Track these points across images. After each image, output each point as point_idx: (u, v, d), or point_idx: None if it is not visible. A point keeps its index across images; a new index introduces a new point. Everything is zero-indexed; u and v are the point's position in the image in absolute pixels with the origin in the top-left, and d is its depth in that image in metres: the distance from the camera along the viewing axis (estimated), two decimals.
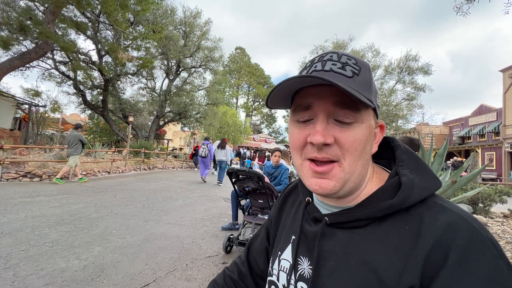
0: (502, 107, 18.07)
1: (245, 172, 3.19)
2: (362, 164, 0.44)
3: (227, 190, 7.23)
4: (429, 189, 0.42)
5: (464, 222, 0.37)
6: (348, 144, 0.41)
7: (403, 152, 0.49)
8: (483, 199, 4.58)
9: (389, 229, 0.41)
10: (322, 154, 0.42)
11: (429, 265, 0.35)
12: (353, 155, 0.42)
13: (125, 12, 8.97)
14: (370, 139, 0.44)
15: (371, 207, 0.43)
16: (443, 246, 0.35)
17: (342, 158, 0.42)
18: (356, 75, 0.43)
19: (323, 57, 0.46)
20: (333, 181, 0.42)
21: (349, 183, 0.43)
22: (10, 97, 11.97)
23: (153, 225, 3.79)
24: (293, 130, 0.47)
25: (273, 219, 0.66)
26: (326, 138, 0.41)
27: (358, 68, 0.44)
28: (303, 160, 0.45)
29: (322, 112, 0.42)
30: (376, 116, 0.47)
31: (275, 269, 0.56)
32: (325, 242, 0.46)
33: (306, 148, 0.44)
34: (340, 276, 0.42)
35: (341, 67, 0.43)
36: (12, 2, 7.79)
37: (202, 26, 16.20)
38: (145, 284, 2.14)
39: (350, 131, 0.42)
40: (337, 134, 0.42)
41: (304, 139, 0.44)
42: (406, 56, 17.40)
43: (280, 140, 45.88)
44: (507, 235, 3.47)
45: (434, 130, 23.09)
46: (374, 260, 0.39)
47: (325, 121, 0.42)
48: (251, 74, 45.81)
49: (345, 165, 0.42)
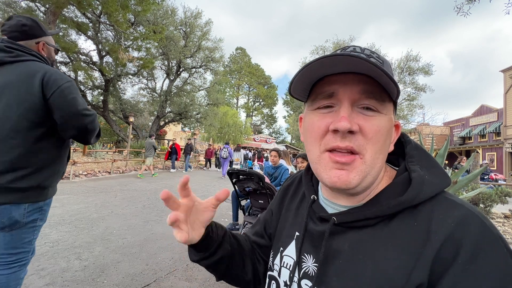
0: (503, 108, 18.04)
1: (246, 173, 3.19)
2: (383, 159, 0.43)
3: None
4: (439, 186, 0.41)
5: (475, 218, 0.36)
6: (372, 133, 0.40)
7: (413, 148, 0.48)
8: (484, 200, 4.57)
9: (398, 227, 0.40)
10: (345, 142, 0.40)
11: (439, 261, 0.35)
12: (376, 146, 0.41)
13: (126, 13, 8.99)
14: (390, 133, 0.43)
15: (380, 205, 0.42)
16: (454, 243, 0.34)
17: (364, 149, 0.40)
18: (381, 65, 0.42)
19: (346, 49, 0.45)
20: (353, 173, 0.41)
21: (369, 177, 0.42)
22: None
23: (153, 225, 3.79)
24: (312, 118, 0.45)
25: (274, 211, 0.65)
26: (352, 124, 0.39)
27: (381, 61, 0.43)
28: (322, 153, 0.43)
29: (347, 99, 0.41)
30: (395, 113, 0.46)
31: (276, 265, 0.55)
32: (333, 241, 0.46)
33: (326, 137, 0.42)
34: (349, 275, 0.41)
35: (367, 55, 0.43)
36: (13, 3, 7.82)
37: (203, 26, 16.24)
38: (146, 284, 2.14)
39: (375, 120, 0.41)
40: (361, 122, 0.40)
41: (325, 127, 0.42)
42: (407, 56, 17.39)
43: (281, 140, 45.91)
44: (507, 235, 3.46)
45: (435, 130, 23.06)
46: (383, 259, 0.39)
47: (350, 108, 0.41)
48: (252, 74, 45.86)
49: (367, 157, 0.41)
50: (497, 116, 19.19)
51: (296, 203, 0.60)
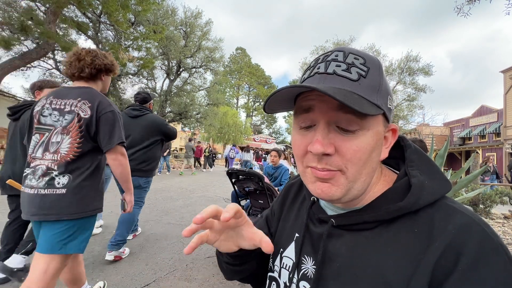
0: (503, 108, 18.04)
1: (245, 173, 3.19)
2: (368, 172, 0.41)
3: (227, 191, 7.23)
4: (439, 192, 0.41)
5: (476, 226, 0.36)
6: (350, 154, 0.39)
7: (413, 152, 0.47)
8: (483, 200, 4.57)
9: (398, 232, 0.39)
10: (322, 164, 0.40)
11: (439, 269, 0.34)
12: (357, 165, 0.39)
13: (126, 13, 8.98)
14: (377, 147, 0.42)
15: (379, 209, 0.41)
16: (454, 251, 0.34)
17: (344, 167, 0.40)
18: (363, 77, 0.40)
19: (328, 57, 0.43)
20: (335, 186, 0.41)
21: (353, 191, 0.41)
22: (11, 97, 12.00)
23: (153, 225, 3.79)
24: (295, 137, 0.45)
25: (276, 211, 0.65)
26: (325, 148, 0.38)
27: (366, 69, 0.40)
28: (305, 168, 0.44)
29: (323, 117, 0.40)
30: (387, 120, 0.44)
31: (276, 266, 0.55)
32: (331, 244, 0.45)
33: (307, 156, 0.43)
34: (346, 278, 0.41)
35: (346, 68, 0.40)
36: (13, 2, 7.81)
37: (203, 26, 16.23)
38: (145, 284, 2.14)
39: (354, 139, 0.39)
40: (338, 143, 0.39)
41: (305, 147, 0.42)
42: (407, 56, 17.39)
43: (281, 140, 45.90)
44: (507, 236, 3.46)
45: (435, 131, 23.05)
46: (382, 264, 0.38)
47: (326, 129, 0.40)
48: (252, 74, 45.87)
49: (348, 174, 0.40)
50: (497, 116, 19.20)
51: (298, 204, 0.60)
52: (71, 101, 1.32)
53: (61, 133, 1.29)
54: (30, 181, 1.25)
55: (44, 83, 2.20)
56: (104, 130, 1.35)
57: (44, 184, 1.23)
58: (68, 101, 1.32)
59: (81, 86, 1.42)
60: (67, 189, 1.25)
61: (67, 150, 1.27)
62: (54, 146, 1.27)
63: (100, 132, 1.35)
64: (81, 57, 1.40)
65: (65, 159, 1.26)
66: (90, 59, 1.41)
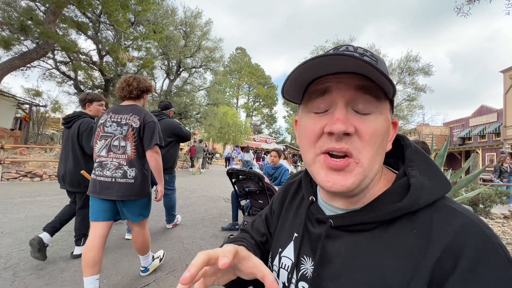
0: (502, 108, 18.05)
1: (245, 173, 3.19)
2: (380, 161, 0.41)
3: (227, 191, 7.22)
4: (439, 192, 0.40)
5: (475, 228, 0.35)
6: (368, 135, 0.39)
7: (413, 152, 0.46)
8: (483, 200, 4.57)
9: (397, 233, 0.39)
10: (341, 144, 0.39)
11: (438, 271, 0.34)
12: (373, 148, 0.39)
13: (126, 13, 8.98)
14: (387, 134, 0.42)
15: (378, 210, 0.41)
16: (453, 253, 0.34)
17: (360, 152, 0.39)
18: (375, 63, 0.41)
19: (338, 49, 0.44)
20: (351, 178, 0.39)
21: (367, 180, 0.41)
22: (11, 97, 11.99)
23: (153, 225, 3.79)
24: (307, 121, 0.44)
25: (275, 210, 0.65)
26: (347, 126, 0.38)
27: (375, 59, 0.43)
28: (317, 155, 0.42)
29: (342, 98, 0.40)
30: (392, 111, 0.45)
31: (275, 266, 0.55)
32: (329, 244, 0.45)
33: (321, 139, 0.41)
34: (344, 279, 0.41)
35: (360, 53, 0.42)
36: (13, 2, 7.80)
37: (203, 26, 16.22)
38: (145, 284, 2.14)
39: (371, 121, 0.39)
40: (357, 123, 0.39)
41: (320, 130, 0.41)
42: (407, 56, 17.41)
43: (281, 140, 45.90)
44: (507, 236, 3.46)
45: (435, 131, 23.07)
46: (381, 265, 0.38)
47: (344, 109, 0.39)
48: (252, 74, 45.87)
49: (363, 160, 0.39)
50: (497, 116, 19.21)
51: (296, 204, 0.59)
52: (125, 116, 1.85)
53: (124, 139, 1.82)
54: (101, 172, 1.78)
55: (94, 97, 2.66)
56: (147, 135, 1.87)
57: (120, 175, 1.78)
58: (123, 116, 1.85)
59: (131, 104, 1.96)
60: (135, 180, 1.82)
61: (130, 151, 1.82)
62: (120, 148, 1.81)
63: (144, 136, 1.87)
64: (129, 83, 1.94)
65: (130, 158, 1.82)
66: (136, 84, 1.95)
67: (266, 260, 0.61)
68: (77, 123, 2.50)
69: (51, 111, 13.52)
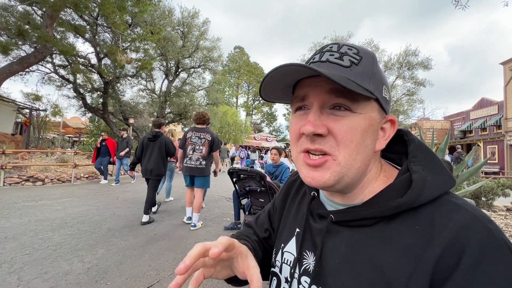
0: (503, 100, 17.96)
1: (247, 172, 3.19)
2: (362, 159, 0.41)
3: (229, 190, 7.23)
4: (442, 188, 0.39)
5: (479, 223, 0.35)
6: (341, 135, 0.40)
7: (416, 147, 0.46)
8: (485, 193, 4.56)
9: (398, 229, 0.39)
10: (315, 145, 0.41)
11: (440, 268, 0.33)
12: (349, 147, 0.40)
13: (123, 14, 8.95)
14: (370, 132, 0.41)
15: (379, 205, 0.41)
16: (456, 249, 0.33)
17: (336, 150, 0.40)
18: (355, 65, 0.41)
19: (323, 49, 0.45)
20: (327, 174, 0.41)
21: (346, 178, 0.41)
22: (11, 102, 12.01)
23: (155, 226, 3.80)
24: (292, 121, 0.46)
25: (278, 206, 0.65)
26: (316, 128, 0.40)
27: (359, 58, 0.42)
28: (299, 153, 0.44)
29: (316, 101, 0.41)
30: (384, 110, 0.44)
31: (278, 261, 0.55)
32: (330, 240, 0.45)
33: (301, 139, 0.44)
34: (345, 275, 0.41)
35: (338, 57, 0.42)
36: (10, 7, 7.80)
37: (200, 26, 16.14)
38: (149, 285, 2.15)
39: (344, 120, 0.40)
40: (330, 124, 0.40)
41: (299, 130, 0.43)
42: (406, 51, 17.29)
43: (281, 138, 45.85)
44: (510, 228, 3.45)
45: (435, 125, 22.98)
46: (381, 261, 0.38)
47: (319, 111, 0.41)
48: (251, 73, 45.80)
49: (340, 159, 0.40)
50: (497, 109, 19.12)
51: (298, 199, 0.60)
52: (203, 134, 3.79)
53: (202, 145, 3.74)
54: (190, 162, 3.72)
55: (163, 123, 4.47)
56: (214, 145, 3.81)
57: (199, 163, 3.71)
58: (202, 134, 3.79)
59: (204, 127, 3.88)
60: (205, 166, 3.74)
61: (204, 152, 3.74)
62: (199, 151, 3.73)
63: (213, 145, 3.80)
64: (203, 115, 3.87)
65: (203, 155, 3.73)
66: (207, 116, 3.90)
67: (270, 256, 0.61)
68: (161, 138, 4.22)
69: (51, 115, 13.53)
